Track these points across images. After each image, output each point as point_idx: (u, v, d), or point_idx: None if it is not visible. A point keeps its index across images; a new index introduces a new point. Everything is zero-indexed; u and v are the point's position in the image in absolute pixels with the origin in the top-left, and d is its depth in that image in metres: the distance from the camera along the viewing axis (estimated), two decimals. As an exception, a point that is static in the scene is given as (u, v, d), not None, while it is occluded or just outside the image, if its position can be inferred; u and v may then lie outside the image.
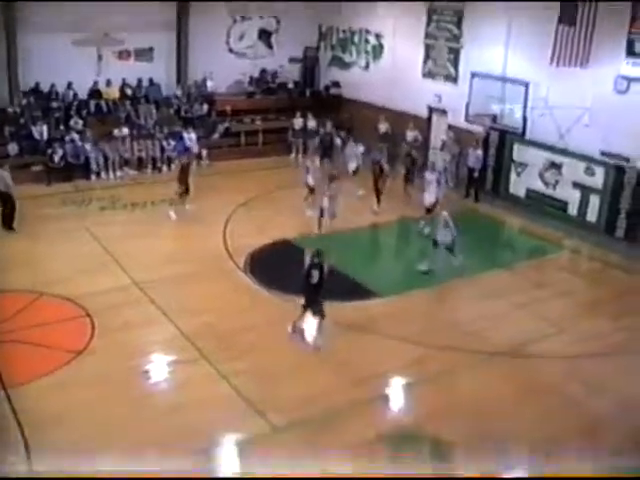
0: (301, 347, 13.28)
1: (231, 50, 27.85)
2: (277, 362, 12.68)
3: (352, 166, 22.66)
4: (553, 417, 11.59)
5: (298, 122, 26.32)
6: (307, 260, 13.13)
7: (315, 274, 12.84)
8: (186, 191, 19.54)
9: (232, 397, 11.56)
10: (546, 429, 11.20)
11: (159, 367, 12.52)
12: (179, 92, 26.43)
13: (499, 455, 10.43)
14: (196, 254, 17.24)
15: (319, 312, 13.08)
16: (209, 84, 27.03)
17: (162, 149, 24.07)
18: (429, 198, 18.98)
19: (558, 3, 19.78)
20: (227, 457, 10.39)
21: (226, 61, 27.54)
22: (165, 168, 23.82)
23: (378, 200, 20.42)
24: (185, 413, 11.05)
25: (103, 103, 24.86)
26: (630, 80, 18.75)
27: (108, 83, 25.14)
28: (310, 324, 13.48)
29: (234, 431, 10.82)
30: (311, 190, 19.87)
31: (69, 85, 24.36)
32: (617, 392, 12.34)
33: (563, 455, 10.36)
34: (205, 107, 26.37)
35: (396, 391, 12.37)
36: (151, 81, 26.14)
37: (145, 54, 26.14)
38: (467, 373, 12.71)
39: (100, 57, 24.96)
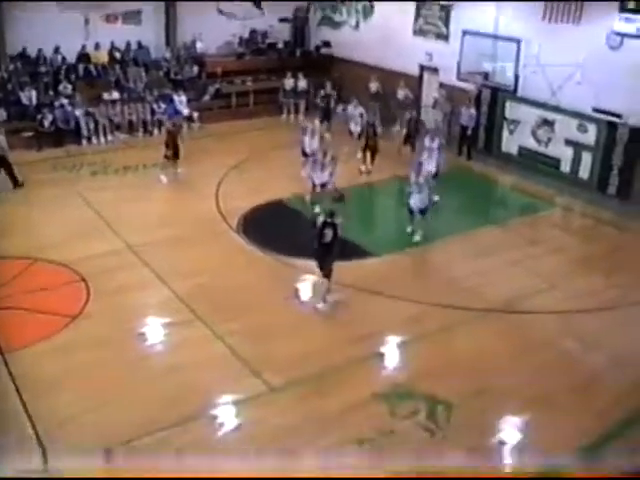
0: (298, 308, 13.41)
1: (220, 11, 27.47)
2: (272, 322, 12.74)
3: (357, 129, 22.39)
4: (549, 373, 11.67)
5: (289, 82, 26.14)
6: (320, 219, 13.14)
7: (328, 233, 12.85)
8: (175, 155, 19.39)
9: (228, 357, 11.63)
10: (542, 385, 11.30)
11: (154, 329, 12.55)
12: (168, 54, 26.18)
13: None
14: (189, 217, 17.24)
15: (328, 274, 13.10)
16: (198, 45, 26.79)
17: (153, 112, 23.89)
18: (431, 165, 18.45)
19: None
20: (224, 418, 10.45)
21: (215, 22, 27.14)
22: (156, 131, 23.63)
23: (372, 159, 20.32)
24: (181, 374, 11.10)
25: (92, 67, 24.61)
26: (623, 36, 18.62)
27: (97, 47, 24.87)
28: (312, 285, 13.64)
29: (230, 392, 10.86)
30: (306, 156, 19.22)
31: (57, 49, 24.07)
32: (611, 348, 12.44)
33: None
34: (195, 69, 26.17)
35: (392, 349, 12.41)
36: (140, 44, 25.86)
37: (133, 17, 25.77)
38: (462, 330, 12.80)
39: (87, 21, 24.61)
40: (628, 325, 13.25)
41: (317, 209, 16.22)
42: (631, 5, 18.06)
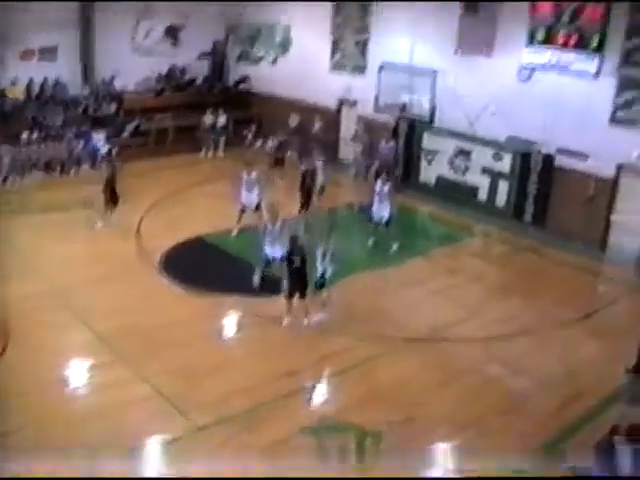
0: (223, 345, 13.32)
1: (138, 48, 27.32)
2: (197, 360, 12.62)
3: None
4: (475, 398, 11.92)
5: (209, 119, 26.14)
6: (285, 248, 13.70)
7: (297, 259, 13.31)
8: (112, 201, 18.90)
9: (154, 398, 11.44)
10: (469, 410, 11.54)
11: (77, 373, 12.26)
12: (86, 91, 25.83)
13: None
14: (109, 257, 16.93)
15: (305, 295, 13.54)
16: (117, 82, 26.52)
17: (71, 150, 23.54)
18: (384, 211, 17.83)
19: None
20: (151, 459, 10.25)
21: (133, 59, 26.94)
22: (73, 170, 23.29)
23: (308, 206, 19.60)
24: (106, 418, 10.85)
25: (7, 103, 24.10)
26: (532, 69, 19.26)
27: (13, 82, 24.34)
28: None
29: (157, 432, 10.70)
30: (243, 210, 18.20)
31: (-30, 86, 23.55)
32: (534, 369, 12.85)
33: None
34: (113, 106, 25.86)
35: (319, 382, 12.46)
36: (57, 81, 25.45)
37: (49, 53, 25.37)
38: (388, 360, 12.93)
39: (1, 59, 24.14)
40: (547, 347, 13.64)
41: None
42: (539, 37, 18.73)
